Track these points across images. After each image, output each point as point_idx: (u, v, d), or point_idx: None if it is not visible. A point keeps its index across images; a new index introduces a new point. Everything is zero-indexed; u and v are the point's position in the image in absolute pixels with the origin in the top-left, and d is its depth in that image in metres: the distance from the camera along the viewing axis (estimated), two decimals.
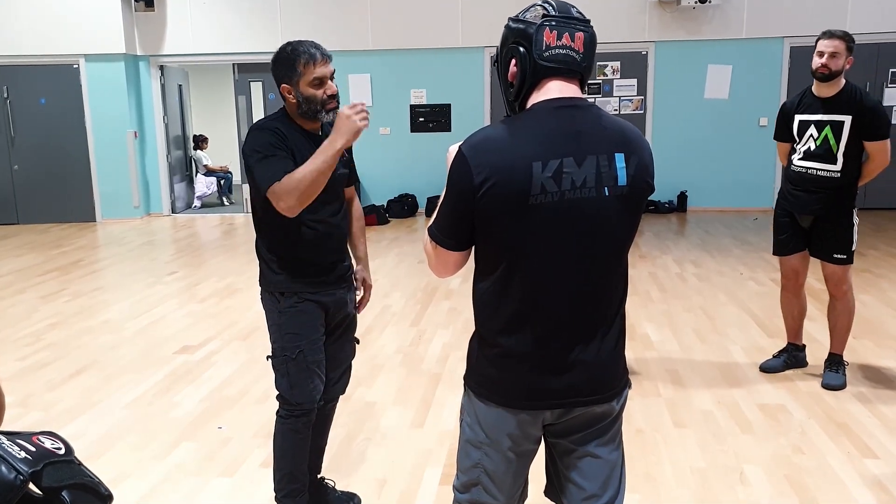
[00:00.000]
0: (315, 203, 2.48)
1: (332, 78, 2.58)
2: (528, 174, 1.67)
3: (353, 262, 2.88)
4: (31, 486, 1.02)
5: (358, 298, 2.88)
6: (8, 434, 1.08)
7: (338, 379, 2.87)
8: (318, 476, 3.02)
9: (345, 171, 2.72)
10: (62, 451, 1.09)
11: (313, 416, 2.74)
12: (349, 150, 2.75)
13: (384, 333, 5.24)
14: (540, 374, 1.78)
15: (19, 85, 10.36)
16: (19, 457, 1.01)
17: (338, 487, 3.09)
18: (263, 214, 2.59)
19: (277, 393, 2.71)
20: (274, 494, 2.82)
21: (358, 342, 2.94)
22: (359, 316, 2.93)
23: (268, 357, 2.73)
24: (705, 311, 5.61)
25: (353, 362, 2.93)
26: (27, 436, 1.09)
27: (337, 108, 2.58)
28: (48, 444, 1.09)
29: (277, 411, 2.74)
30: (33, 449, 1.05)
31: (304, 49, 2.51)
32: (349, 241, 2.85)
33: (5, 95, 10.37)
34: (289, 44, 2.55)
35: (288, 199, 2.38)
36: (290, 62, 2.51)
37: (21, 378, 4.55)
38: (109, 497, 1.12)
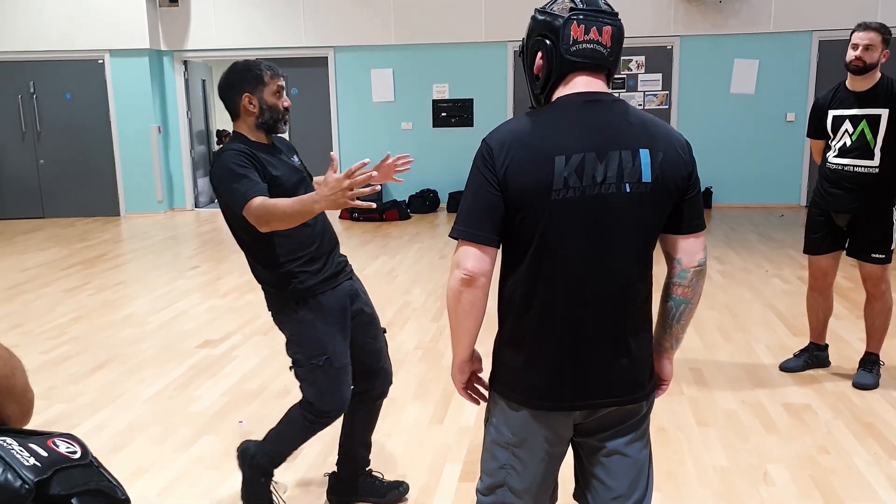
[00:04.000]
0: None
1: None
2: (550, 168, 1.65)
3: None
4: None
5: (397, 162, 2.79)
6: (23, 436, 1.06)
7: (380, 370, 2.86)
8: (368, 469, 3.04)
9: (308, 176, 2.77)
10: (77, 455, 1.06)
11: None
12: (299, 156, 2.83)
13: (405, 329, 5.23)
14: (567, 374, 1.75)
15: (45, 80, 10.47)
16: (27, 464, 0.99)
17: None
18: (258, 231, 2.50)
19: (303, 399, 2.69)
20: (252, 458, 2.83)
21: (385, 331, 2.93)
22: (379, 311, 2.94)
23: (290, 368, 2.71)
24: (730, 308, 5.54)
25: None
26: (42, 439, 1.06)
27: (287, 121, 2.69)
28: (62, 447, 1.06)
29: (302, 412, 2.71)
30: (45, 454, 1.02)
31: (265, 63, 2.64)
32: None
33: (31, 90, 10.48)
34: (242, 60, 2.69)
35: (265, 220, 2.40)
36: (257, 73, 2.59)
37: (44, 371, 4.59)
38: (126, 501, 1.10)
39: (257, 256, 2.64)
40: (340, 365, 2.64)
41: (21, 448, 1.01)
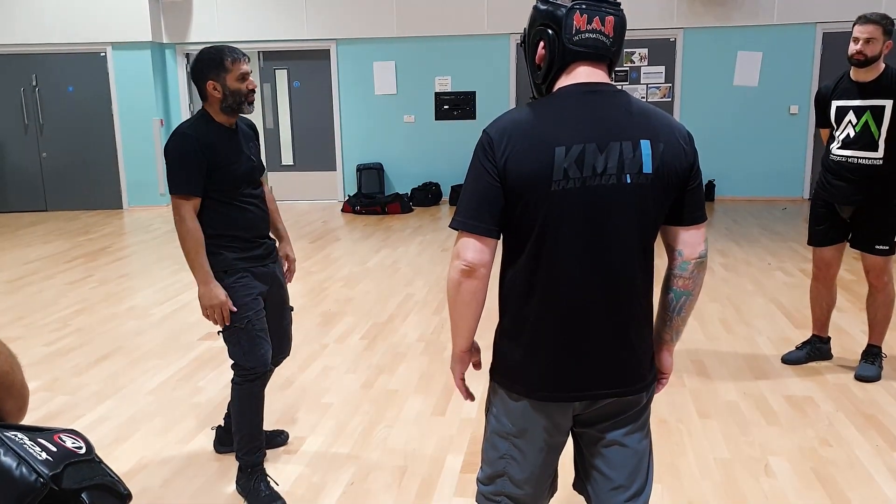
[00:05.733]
0: (244, 187, 2.89)
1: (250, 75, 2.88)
2: (550, 159, 1.65)
3: (276, 240, 3.18)
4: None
5: (284, 270, 3.18)
6: (30, 431, 1.07)
7: (281, 345, 3.17)
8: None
9: (259, 163, 3.02)
10: (83, 451, 1.08)
11: (267, 379, 3.00)
12: (257, 145, 3.05)
13: (406, 321, 5.23)
14: (567, 365, 1.76)
15: (48, 73, 10.47)
16: (40, 458, 1.00)
17: (357, 474, 3.11)
18: (204, 200, 2.83)
19: (232, 362, 2.97)
20: (235, 454, 3.04)
21: (293, 309, 3.23)
22: (382, 304, 3.00)
23: (218, 332, 2.96)
24: (732, 301, 5.53)
25: (376, 350, 2.99)
26: (49, 434, 1.08)
27: (253, 101, 2.86)
28: (69, 443, 1.08)
29: (233, 379, 2.97)
30: (54, 449, 1.04)
31: (229, 50, 2.81)
32: (271, 223, 3.15)
33: (34, 84, 10.47)
34: (209, 47, 2.84)
35: (177, 222, 2.79)
36: (219, 59, 2.78)
37: (48, 362, 4.60)
38: (128, 496, 1.11)
39: (199, 218, 2.85)
40: (261, 328, 2.93)
41: (32, 443, 1.02)
